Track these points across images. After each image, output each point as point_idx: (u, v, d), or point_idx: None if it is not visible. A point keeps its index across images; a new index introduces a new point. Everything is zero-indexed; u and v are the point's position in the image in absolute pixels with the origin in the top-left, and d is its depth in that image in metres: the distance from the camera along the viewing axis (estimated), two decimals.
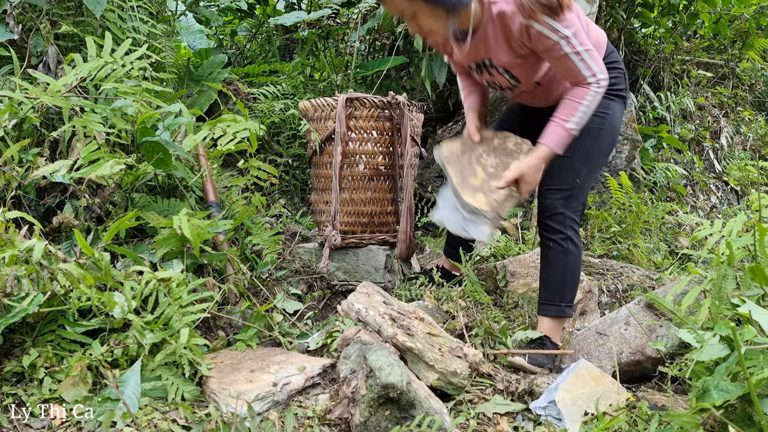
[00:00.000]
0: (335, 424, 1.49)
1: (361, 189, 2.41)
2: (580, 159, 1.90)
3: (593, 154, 1.92)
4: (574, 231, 1.91)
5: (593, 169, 1.96)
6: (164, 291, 1.65)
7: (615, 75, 1.92)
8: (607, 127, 1.92)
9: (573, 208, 1.90)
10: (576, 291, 1.97)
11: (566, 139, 1.82)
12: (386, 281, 2.36)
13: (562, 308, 1.93)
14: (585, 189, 1.94)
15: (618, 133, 1.99)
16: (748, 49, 5.24)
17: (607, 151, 1.98)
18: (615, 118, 1.94)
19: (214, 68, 3.14)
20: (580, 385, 1.64)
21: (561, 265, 1.92)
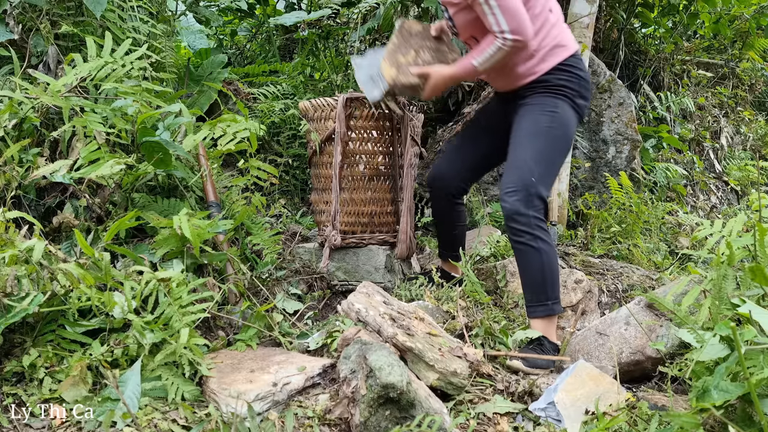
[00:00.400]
0: (335, 424, 1.49)
1: (361, 189, 2.41)
2: (534, 158, 1.95)
3: (546, 152, 1.98)
4: (541, 229, 1.92)
5: (549, 167, 1.99)
6: (164, 291, 1.65)
7: (566, 78, 2.02)
8: (557, 124, 1.99)
9: (535, 207, 1.91)
10: (558, 286, 1.97)
11: (469, 69, 2.02)
12: (386, 281, 2.36)
13: (550, 306, 1.94)
14: (543, 187, 1.95)
15: (571, 131, 2.05)
16: (748, 49, 5.24)
17: (561, 148, 2.03)
18: (565, 116, 2.02)
19: (214, 68, 3.14)
20: (579, 385, 1.64)
21: (537, 265, 1.92)
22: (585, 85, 2.07)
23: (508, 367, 1.88)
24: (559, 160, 2.04)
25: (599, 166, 3.62)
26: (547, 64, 2.02)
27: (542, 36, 2.02)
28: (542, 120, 1.99)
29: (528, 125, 2.00)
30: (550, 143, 1.98)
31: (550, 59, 2.02)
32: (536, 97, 2.04)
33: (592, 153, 3.68)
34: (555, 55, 2.03)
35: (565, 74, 2.02)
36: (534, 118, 2.00)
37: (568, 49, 2.05)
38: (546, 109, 2.00)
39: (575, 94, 2.03)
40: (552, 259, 1.94)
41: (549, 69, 2.02)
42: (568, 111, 2.02)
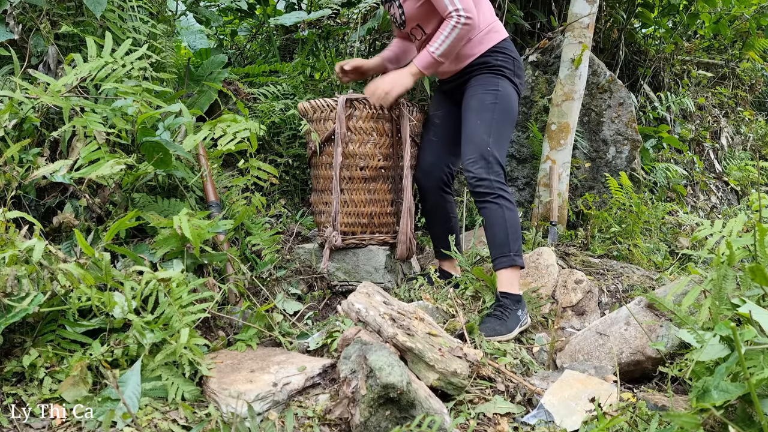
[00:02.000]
0: (335, 424, 1.49)
1: (361, 190, 2.41)
2: (485, 130, 2.17)
3: (495, 124, 2.19)
4: (502, 190, 2.15)
5: (500, 137, 2.20)
6: (164, 291, 1.65)
7: (502, 58, 2.25)
8: (500, 99, 2.21)
9: (495, 173, 2.14)
10: (520, 243, 2.16)
11: (430, 60, 2.16)
12: (386, 281, 2.36)
13: (512, 257, 2.12)
14: (498, 154, 2.17)
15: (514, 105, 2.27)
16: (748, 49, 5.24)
17: (507, 119, 2.23)
18: (506, 92, 2.24)
19: (214, 68, 3.14)
20: (566, 388, 1.66)
21: (501, 221, 2.13)
22: (519, 65, 2.31)
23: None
24: (507, 131, 2.24)
25: (599, 166, 3.63)
26: (484, 46, 2.24)
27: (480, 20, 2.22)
28: (487, 98, 2.21)
29: (475, 104, 2.22)
30: (498, 116, 2.19)
31: (486, 42, 2.24)
32: (478, 77, 2.25)
33: (592, 153, 3.68)
34: (490, 39, 2.25)
35: (502, 55, 2.25)
36: (479, 97, 2.22)
37: (500, 33, 2.28)
38: (489, 88, 2.22)
39: (512, 73, 2.26)
40: (514, 217, 2.15)
41: (486, 51, 2.23)
42: (508, 88, 2.24)
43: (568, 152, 3.31)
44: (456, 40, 2.12)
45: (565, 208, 3.32)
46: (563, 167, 3.30)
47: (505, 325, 2.05)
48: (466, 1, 2.11)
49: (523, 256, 2.18)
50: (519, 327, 2.08)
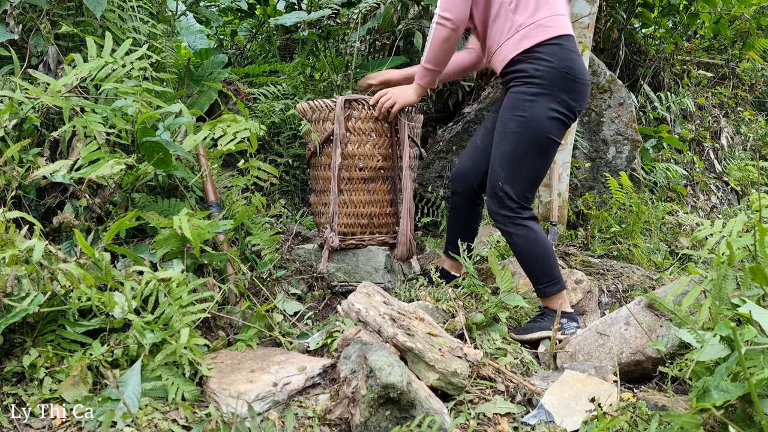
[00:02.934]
0: (335, 424, 1.49)
1: (360, 190, 2.41)
2: (500, 163, 2.04)
3: (512, 156, 2.01)
4: (515, 225, 2.05)
5: (516, 169, 2.02)
6: (164, 291, 1.65)
7: (544, 67, 1.93)
8: (526, 127, 1.97)
9: (507, 207, 2.04)
10: (548, 271, 2.09)
11: (421, 70, 2.12)
12: (386, 282, 2.36)
13: (543, 290, 2.12)
14: (510, 188, 2.02)
15: (546, 131, 1.97)
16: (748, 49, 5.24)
17: (530, 151, 2.00)
18: (537, 118, 1.96)
19: (214, 68, 3.14)
20: (566, 388, 1.66)
21: (519, 257, 2.12)
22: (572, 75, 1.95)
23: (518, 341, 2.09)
24: (529, 162, 2.02)
25: (599, 166, 3.63)
26: (518, 48, 1.96)
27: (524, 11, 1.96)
28: (510, 125, 2.00)
29: (500, 128, 2.05)
30: (516, 148, 2.00)
31: (524, 42, 1.95)
32: (513, 92, 2.01)
33: (592, 153, 3.68)
34: (530, 39, 1.94)
35: (544, 63, 1.93)
36: (504, 122, 2.02)
37: (547, 32, 1.94)
38: (515, 112, 1.98)
39: (556, 87, 1.94)
40: (531, 249, 2.06)
41: (520, 54, 1.96)
42: (542, 109, 1.95)
43: (568, 152, 3.31)
44: (435, 41, 2.00)
45: (565, 208, 3.32)
46: (563, 167, 3.30)
47: (528, 327, 2.13)
48: (448, 2, 1.96)
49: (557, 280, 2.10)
50: (539, 332, 2.09)
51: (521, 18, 1.96)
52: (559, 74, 1.94)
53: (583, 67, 2.02)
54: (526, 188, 2.05)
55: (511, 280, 2.23)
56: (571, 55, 1.97)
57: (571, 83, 1.96)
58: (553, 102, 1.95)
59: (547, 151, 2.03)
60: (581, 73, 1.99)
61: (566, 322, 2.10)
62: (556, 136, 2.01)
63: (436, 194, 3.32)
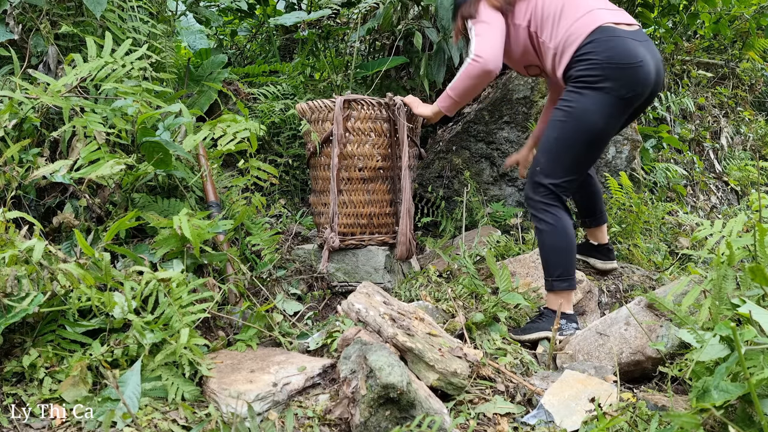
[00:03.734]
0: (335, 424, 1.49)
1: (359, 190, 2.41)
2: (541, 150, 2.13)
3: (552, 144, 2.09)
4: (545, 212, 2.10)
5: (554, 157, 2.09)
6: (164, 291, 1.65)
7: (584, 67, 2.01)
8: (570, 117, 2.05)
9: (540, 193, 2.10)
10: (563, 265, 2.11)
11: (444, 97, 2.22)
12: (386, 282, 2.36)
13: (550, 282, 2.13)
14: (544, 176, 2.09)
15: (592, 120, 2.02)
16: (748, 49, 5.24)
17: (570, 138, 2.06)
18: (583, 109, 2.02)
19: (214, 68, 3.14)
20: (566, 388, 1.66)
21: (540, 244, 2.15)
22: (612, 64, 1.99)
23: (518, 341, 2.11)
24: (569, 150, 2.08)
25: (599, 166, 3.62)
26: (563, 65, 2.08)
27: (551, 36, 2.10)
28: (556, 114, 2.09)
29: (549, 120, 2.15)
30: (558, 136, 2.08)
31: (563, 60, 2.08)
32: (563, 92, 2.11)
33: None
34: (566, 56, 2.07)
35: (583, 64, 2.03)
36: (553, 114, 2.12)
37: (576, 41, 2.04)
38: (562, 105, 2.08)
39: (600, 78, 2.00)
40: (550, 239, 2.10)
41: (565, 68, 2.07)
42: (588, 101, 2.02)
43: None
44: (463, 74, 2.11)
45: None
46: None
47: (527, 327, 2.15)
48: (483, 44, 2.08)
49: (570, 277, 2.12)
50: (537, 333, 2.11)
51: (552, 42, 2.10)
52: (601, 66, 1.99)
53: (629, 48, 2.00)
54: (563, 177, 2.09)
55: (510, 279, 2.23)
56: (608, 44, 2.01)
57: (616, 71, 1.99)
58: (601, 93, 2.01)
59: (594, 142, 2.09)
60: (626, 55, 1.99)
61: (565, 323, 2.10)
62: (605, 128, 2.06)
63: (436, 194, 3.32)
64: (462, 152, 3.36)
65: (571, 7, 2.08)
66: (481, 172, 3.40)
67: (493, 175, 3.41)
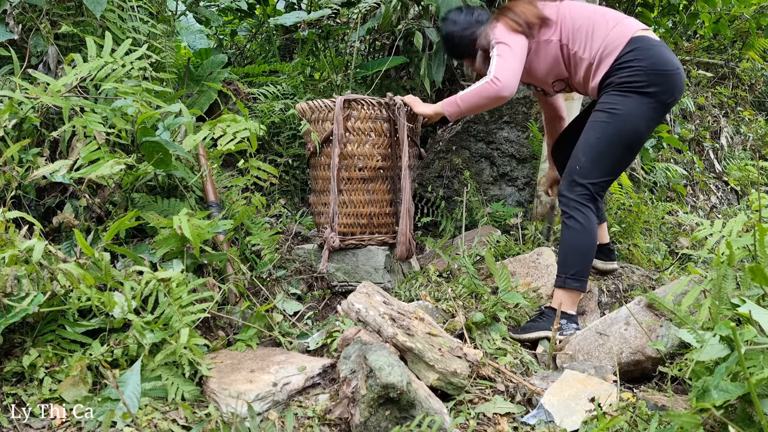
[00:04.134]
0: (335, 424, 1.49)
1: (359, 190, 2.41)
2: (583, 150, 2.14)
3: (594, 145, 2.12)
4: (578, 210, 2.12)
5: (596, 158, 2.12)
6: (164, 291, 1.65)
7: (628, 74, 2.06)
8: (614, 119, 2.08)
9: (576, 192, 2.13)
10: (581, 265, 2.13)
11: (452, 100, 2.24)
12: (386, 281, 2.36)
13: (563, 279, 2.14)
14: (583, 177, 2.12)
15: (635, 125, 2.08)
16: (748, 49, 5.24)
17: (614, 142, 2.10)
18: (627, 112, 2.07)
19: (214, 68, 3.14)
20: (566, 388, 1.66)
21: (563, 241, 2.16)
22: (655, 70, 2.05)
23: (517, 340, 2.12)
24: (611, 152, 2.12)
25: None
26: (600, 75, 2.12)
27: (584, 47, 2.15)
28: (599, 116, 2.12)
29: (590, 119, 2.17)
30: (604, 136, 2.10)
31: (600, 71, 2.12)
32: (605, 96, 2.13)
33: None
34: (604, 61, 2.11)
35: (627, 71, 2.07)
36: (595, 114, 2.15)
37: (615, 51, 2.09)
38: (605, 107, 2.11)
39: (644, 84, 2.05)
40: (576, 239, 2.12)
41: (604, 76, 2.11)
42: (633, 105, 2.07)
43: None
44: (477, 89, 2.14)
45: None
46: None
47: (527, 327, 2.15)
48: (504, 68, 2.11)
49: (584, 279, 2.14)
50: (537, 332, 2.11)
51: (587, 53, 2.15)
52: (644, 72, 2.05)
53: (667, 56, 2.09)
54: (601, 177, 2.13)
55: (509, 279, 2.23)
56: (648, 52, 2.07)
57: (657, 77, 2.05)
58: (645, 98, 2.07)
59: (633, 145, 2.14)
60: (666, 63, 2.07)
61: (565, 323, 2.10)
62: (644, 131, 2.12)
63: (436, 194, 3.32)
64: (462, 152, 3.36)
65: (601, 20, 2.15)
66: (481, 172, 3.40)
67: (493, 174, 3.41)
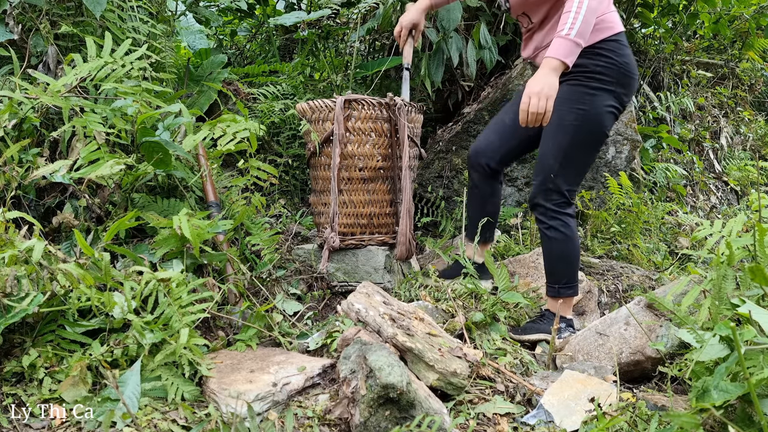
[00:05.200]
0: (335, 424, 1.49)
1: (359, 190, 2.41)
2: (555, 154, 2.01)
3: (568, 149, 2.00)
4: (557, 219, 2.04)
5: (570, 163, 2.01)
6: (164, 291, 1.65)
7: (603, 63, 1.94)
8: (585, 120, 1.97)
9: (552, 201, 2.03)
10: (570, 273, 2.10)
11: (568, 45, 1.82)
12: (386, 282, 2.36)
13: (557, 289, 2.11)
14: (562, 182, 2.01)
15: (604, 125, 1.99)
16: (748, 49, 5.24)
17: (586, 144, 2.01)
18: (596, 112, 1.97)
19: (214, 68, 3.14)
20: (565, 388, 1.66)
21: (547, 252, 2.10)
22: (626, 71, 1.98)
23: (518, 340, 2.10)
24: (583, 155, 2.03)
25: (599, 166, 3.62)
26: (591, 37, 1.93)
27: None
28: (568, 117, 1.98)
29: (556, 120, 1.98)
30: (573, 141, 1.99)
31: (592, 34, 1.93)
32: (570, 86, 1.97)
33: None
34: (598, 31, 1.93)
35: (603, 60, 1.95)
36: (561, 115, 1.97)
37: (606, 30, 1.95)
38: (574, 105, 1.97)
39: (613, 82, 1.96)
40: (565, 248, 2.06)
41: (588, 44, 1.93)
42: (601, 103, 1.96)
43: None
44: (588, 12, 1.82)
45: None
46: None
47: (527, 327, 2.13)
48: None
49: (575, 283, 2.11)
50: (537, 335, 2.10)
51: None
52: (617, 70, 1.97)
53: (633, 61, 2.04)
54: (575, 181, 2.05)
55: (509, 278, 2.23)
56: (626, 50, 2.01)
57: (627, 78, 2.00)
58: (611, 96, 1.99)
59: (599, 144, 2.06)
60: (634, 67, 2.04)
61: (564, 327, 2.10)
62: (609, 129, 2.04)
63: (436, 194, 3.32)
64: (462, 152, 3.36)
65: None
66: None
67: None
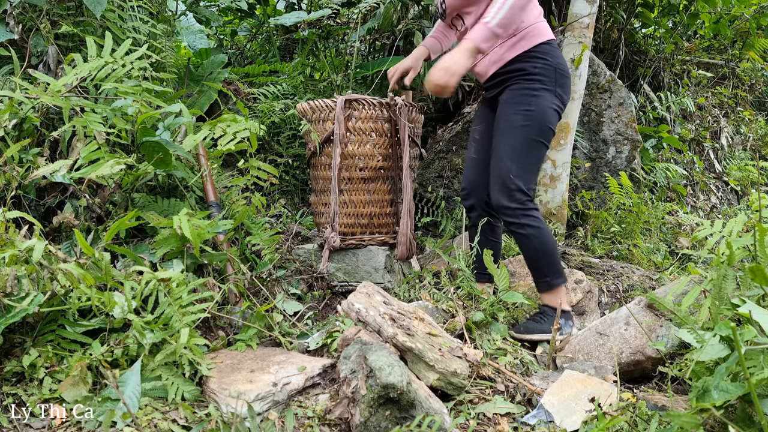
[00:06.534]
0: (335, 424, 1.49)
1: (360, 190, 2.41)
2: (510, 155, 2.08)
3: (521, 149, 2.07)
4: (526, 216, 2.08)
5: (526, 162, 2.08)
6: (164, 291, 1.65)
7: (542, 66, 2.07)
8: (533, 120, 2.06)
9: (517, 200, 2.07)
10: (553, 262, 2.13)
11: (485, 32, 1.94)
12: (386, 281, 2.36)
13: (549, 282, 2.14)
14: (522, 181, 2.07)
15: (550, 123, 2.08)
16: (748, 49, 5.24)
17: (536, 143, 2.08)
18: (542, 110, 2.07)
19: (214, 68, 3.14)
20: (566, 388, 1.66)
21: (529, 249, 2.11)
22: (563, 74, 2.11)
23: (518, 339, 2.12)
24: (536, 153, 2.10)
25: (599, 166, 3.63)
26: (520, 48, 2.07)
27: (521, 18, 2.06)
28: (516, 119, 2.08)
29: (504, 124, 2.10)
30: (525, 140, 2.07)
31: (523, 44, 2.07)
32: (513, 90, 2.10)
33: (592, 153, 3.68)
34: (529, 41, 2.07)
35: (541, 62, 2.08)
36: (509, 118, 2.09)
37: (542, 36, 2.10)
38: (520, 107, 2.07)
39: (553, 83, 2.08)
40: (541, 241, 2.09)
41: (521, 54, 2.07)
42: (545, 103, 2.07)
43: (568, 152, 3.31)
44: (512, 8, 1.93)
45: (565, 208, 3.32)
46: (563, 167, 3.30)
47: (528, 326, 2.13)
48: None
49: (561, 270, 2.15)
50: (539, 335, 2.10)
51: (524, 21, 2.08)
52: (554, 71, 2.09)
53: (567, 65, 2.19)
54: (532, 179, 2.11)
55: (508, 278, 2.23)
56: (559, 53, 2.14)
57: (563, 78, 2.12)
58: (552, 96, 2.09)
59: (548, 141, 2.14)
60: (568, 70, 2.17)
61: (564, 322, 2.11)
62: (554, 126, 2.13)
63: (436, 194, 3.32)
64: (462, 152, 3.36)
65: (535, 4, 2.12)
66: None
67: None
